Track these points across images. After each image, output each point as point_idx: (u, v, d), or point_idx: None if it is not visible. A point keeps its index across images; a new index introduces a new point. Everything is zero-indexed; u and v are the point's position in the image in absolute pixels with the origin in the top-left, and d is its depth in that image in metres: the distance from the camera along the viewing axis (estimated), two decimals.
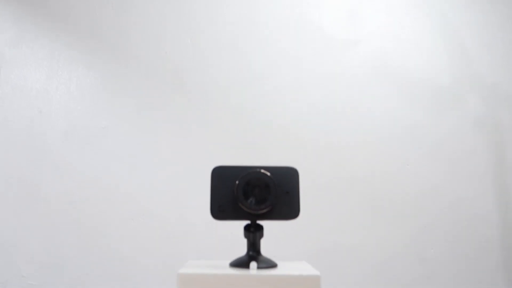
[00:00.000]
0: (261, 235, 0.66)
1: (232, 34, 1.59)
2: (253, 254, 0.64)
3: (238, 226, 0.70)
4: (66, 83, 1.51)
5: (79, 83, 1.52)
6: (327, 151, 1.52)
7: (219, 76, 1.55)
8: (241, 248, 0.73)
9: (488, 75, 1.62)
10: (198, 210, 1.42)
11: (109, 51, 1.54)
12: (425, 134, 1.56)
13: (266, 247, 0.76)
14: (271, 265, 0.63)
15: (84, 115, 1.50)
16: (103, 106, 1.50)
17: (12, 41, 1.52)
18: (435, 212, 1.51)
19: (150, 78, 1.54)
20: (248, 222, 0.66)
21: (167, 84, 1.54)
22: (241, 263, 0.63)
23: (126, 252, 1.42)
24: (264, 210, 0.64)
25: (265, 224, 0.67)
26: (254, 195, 0.64)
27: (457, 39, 1.64)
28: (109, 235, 1.43)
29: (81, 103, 1.50)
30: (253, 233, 0.65)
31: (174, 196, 1.46)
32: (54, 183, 1.44)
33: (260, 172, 0.65)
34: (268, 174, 0.65)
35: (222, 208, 0.65)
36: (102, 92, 1.51)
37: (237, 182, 0.65)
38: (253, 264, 0.62)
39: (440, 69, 1.61)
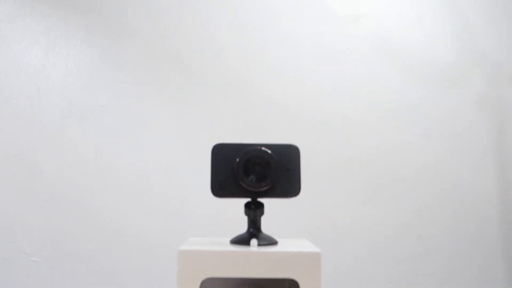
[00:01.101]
0: (262, 213, 0.66)
1: (232, 10, 1.56)
2: (254, 232, 0.64)
3: (238, 204, 0.69)
4: (64, 60, 1.49)
5: (77, 60, 1.50)
6: (327, 129, 1.52)
7: (219, 52, 1.53)
8: (241, 225, 0.73)
9: (492, 53, 1.59)
10: (199, 188, 1.42)
11: (107, 28, 1.52)
12: (427, 113, 1.55)
13: (267, 225, 0.76)
14: (272, 242, 0.64)
15: (82, 93, 1.48)
16: (101, 84, 1.49)
17: (7, 16, 1.50)
18: (436, 191, 1.51)
19: (149, 55, 1.52)
20: (248, 199, 0.66)
21: (167, 61, 1.52)
22: (242, 240, 0.63)
23: (127, 229, 1.43)
24: (265, 188, 0.64)
25: (266, 201, 0.67)
26: (254, 173, 0.64)
27: (462, 16, 1.61)
28: (109, 213, 1.43)
29: (79, 80, 1.49)
30: (254, 211, 0.65)
31: (174, 173, 1.46)
32: (53, 160, 1.44)
33: (260, 149, 0.64)
34: (269, 151, 0.65)
35: (222, 185, 0.65)
36: (101, 69, 1.49)
37: (237, 159, 0.64)
38: (254, 241, 0.62)
39: (443, 46, 1.58)
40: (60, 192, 1.43)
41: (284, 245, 0.62)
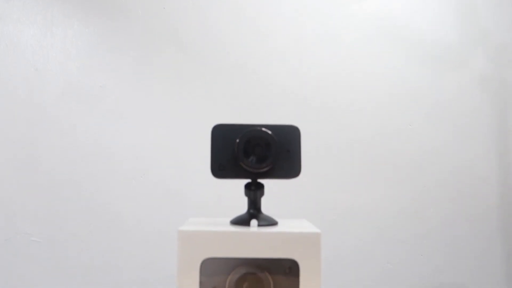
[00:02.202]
0: (262, 194, 0.66)
1: None
2: (254, 212, 0.64)
3: (238, 185, 0.69)
4: (61, 40, 1.47)
5: (75, 40, 1.48)
6: (328, 111, 1.51)
7: (219, 33, 1.51)
8: (241, 206, 0.73)
9: (496, 34, 1.57)
10: (199, 169, 1.42)
11: (105, 7, 1.49)
12: (429, 95, 1.54)
13: (267, 206, 0.76)
14: (272, 222, 0.64)
15: (81, 74, 1.47)
16: (100, 64, 1.47)
17: None
18: (436, 173, 1.51)
19: (149, 35, 1.49)
20: (248, 180, 0.66)
21: (166, 41, 1.50)
22: (242, 221, 0.63)
23: (127, 211, 1.44)
24: (265, 169, 0.63)
25: (266, 182, 0.67)
26: (254, 154, 0.63)
27: None
28: (109, 194, 1.44)
29: (77, 61, 1.47)
30: (254, 192, 0.65)
31: (174, 155, 1.46)
32: (52, 142, 1.44)
33: (261, 130, 0.64)
34: (269, 132, 0.64)
35: (222, 166, 0.65)
36: (99, 49, 1.47)
37: (237, 140, 0.64)
38: (254, 222, 0.62)
39: (446, 27, 1.56)
40: (60, 173, 1.43)
41: (284, 226, 0.62)
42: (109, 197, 1.43)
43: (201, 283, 0.55)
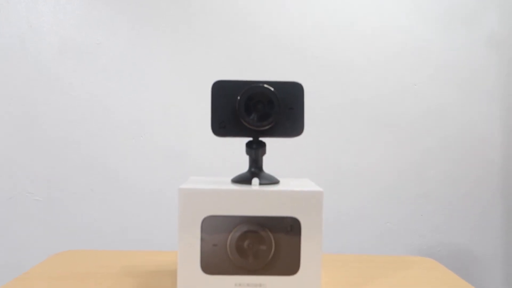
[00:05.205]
0: (264, 152, 0.65)
1: None
2: (255, 171, 0.63)
3: (240, 143, 0.68)
4: None
5: None
6: (332, 69, 1.48)
7: None
8: (243, 165, 0.72)
9: None
10: (199, 127, 1.41)
11: None
12: (435, 54, 1.50)
13: (269, 165, 0.75)
14: (274, 181, 0.63)
15: (77, 31, 1.42)
16: (97, 21, 1.42)
17: None
18: (439, 133, 1.50)
19: None
20: (250, 138, 0.64)
21: None
22: (243, 179, 0.62)
23: (127, 170, 1.44)
24: (267, 127, 0.62)
25: (268, 141, 0.66)
26: (256, 111, 0.62)
27: None
28: (109, 153, 1.43)
29: (73, 17, 1.42)
30: (255, 150, 0.64)
31: (174, 113, 1.44)
32: (51, 101, 1.42)
33: (263, 86, 0.62)
34: (272, 89, 0.62)
35: (223, 124, 0.63)
36: (96, 5, 1.42)
37: (238, 97, 0.61)
38: (255, 180, 0.61)
39: None
40: (59, 132, 1.42)
41: (286, 184, 0.61)
42: (109, 156, 1.43)
43: (202, 240, 0.55)
